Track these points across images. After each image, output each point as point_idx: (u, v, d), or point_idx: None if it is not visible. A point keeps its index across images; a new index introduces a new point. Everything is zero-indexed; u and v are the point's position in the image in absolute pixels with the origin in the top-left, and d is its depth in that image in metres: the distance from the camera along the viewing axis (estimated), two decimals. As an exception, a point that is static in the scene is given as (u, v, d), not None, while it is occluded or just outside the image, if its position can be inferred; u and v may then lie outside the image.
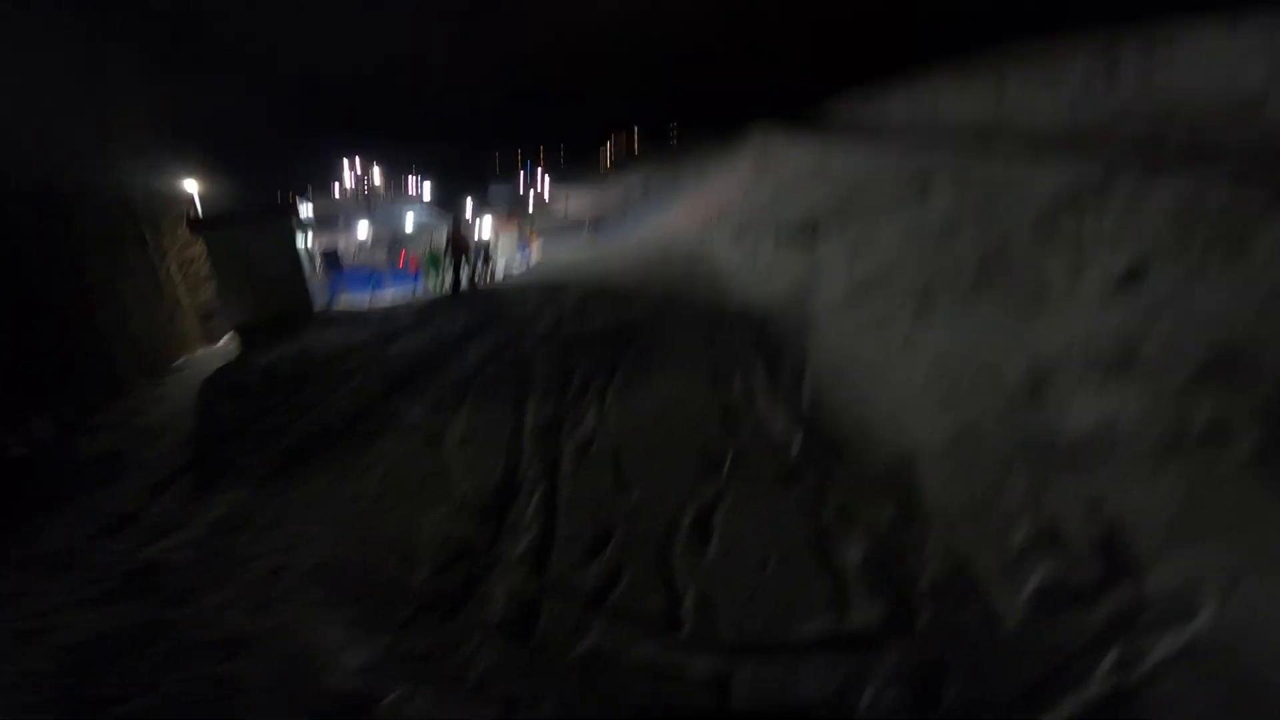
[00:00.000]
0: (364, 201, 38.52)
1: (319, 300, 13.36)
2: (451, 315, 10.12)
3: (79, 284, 11.16)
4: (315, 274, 13.98)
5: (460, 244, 13.29)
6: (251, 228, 12.34)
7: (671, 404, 5.53)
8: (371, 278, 23.43)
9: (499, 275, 20.56)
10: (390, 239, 29.15)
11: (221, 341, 12.37)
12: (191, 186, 14.96)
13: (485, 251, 21.00)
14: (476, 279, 18.96)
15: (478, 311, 10.05)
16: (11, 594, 4.02)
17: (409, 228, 31.62)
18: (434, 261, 17.49)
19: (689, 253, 15.14)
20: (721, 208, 17.73)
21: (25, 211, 11.31)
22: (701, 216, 19.40)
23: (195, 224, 12.63)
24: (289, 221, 12.56)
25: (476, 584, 3.60)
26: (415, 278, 21.18)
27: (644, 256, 16.49)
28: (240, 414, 6.52)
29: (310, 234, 14.16)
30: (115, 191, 14.36)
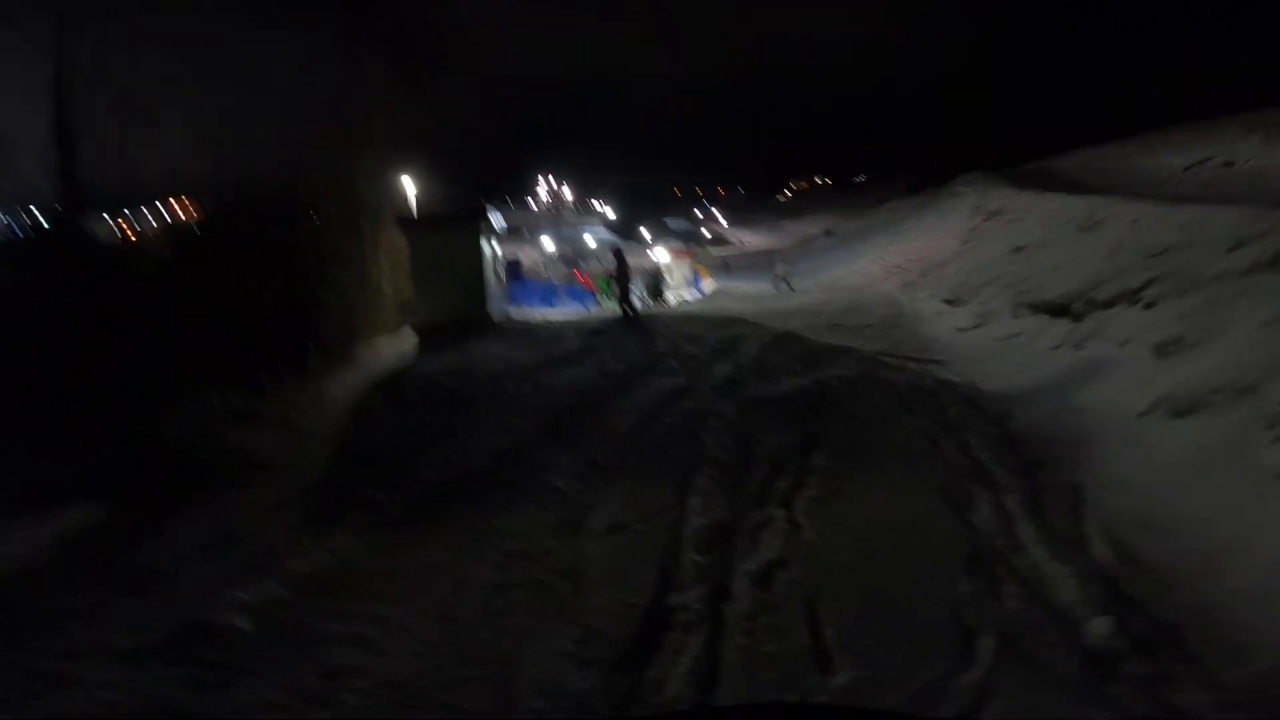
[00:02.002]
0: (553, 217, 40.04)
1: (498, 309, 13.21)
2: (619, 346, 9.13)
3: (304, 269, 11.88)
4: (498, 283, 13.89)
5: (623, 275, 12.45)
6: (446, 231, 12.39)
7: (892, 529, 3.85)
8: (549, 292, 23.80)
9: (672, 302, 19.83)
10: (571, 256, 29.80)
11: (408, 338, 12.59)
12: (409, 186, 15.81)
13: (658, 278, 20.50)
14: (642, 305, 18.42)
15: (647, 346, 8.96)
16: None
17: (590, 247, 32.21)
18: (607, 284, 17.03)
19: (886, 308, 13.04)
20: (924, 263, 15.34)
21: (274, 202, 12.35)
22: (899, 269, 17.07)
23: (405, 222, 13.06)
24: (477, 227, 12.48)
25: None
26: (590, 296, 21.06)
27: (830, 304, 14.61)
28: (391, 431, 5.88)
29: (497, 242, 14.14)
30: (347, 187, 15.57)
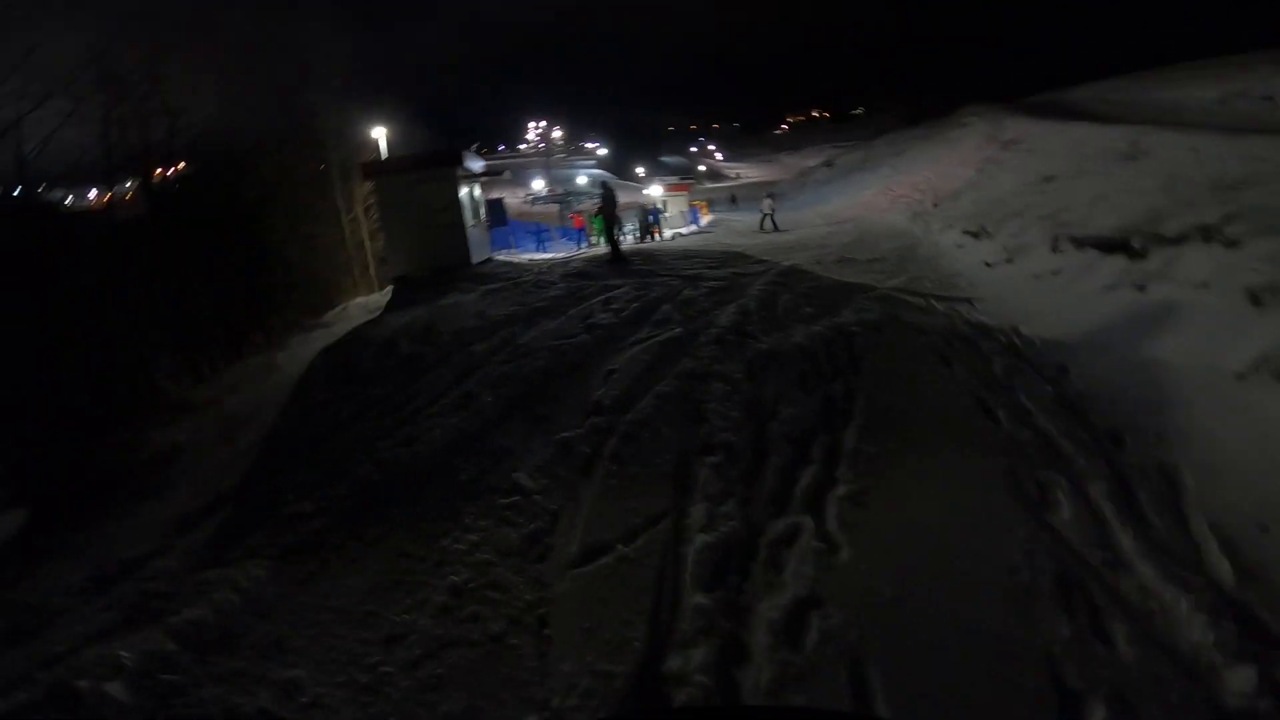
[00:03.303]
0: (543, 158, 38.21)
1: (480, 254, 12.12)
2: (607, 290, 8.00)
3: (264, 229, 10.78)
4: (480, 227, 12.77)
5: (610, 211, 11.24)
6: (416, 175, 11.33)
7: (954, 542, 2.88)
8: (539, 233, 22.45)
9: (667, 237, 18.56)
10: (562, 196, 28.21)
11: (381, 291, 11.49)
12: (380, 134, 14.50)
13: (652, 214, 19.23)
14: (635, 240, 17.25)
15: (639, 289, 7.81)
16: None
17: (581, 185, 30.49)
18: (599, 223, 15.81)
19: (897, 240, 11.79)
20: (935, 193, 13.93)
21: (229, 162, 11.06)
22: (906, 199, 15.63)
23: (368, 169, 11.97)
24: (453, 171, 11.31)
25: None
26: (581, 235, 19.89)
27: (836, 236, 13.32)
28: (330, 414, 4.85)
29: (477, 186, 12.92)
30: (313, 141, 14.12)
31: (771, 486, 3.26)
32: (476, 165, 12.70)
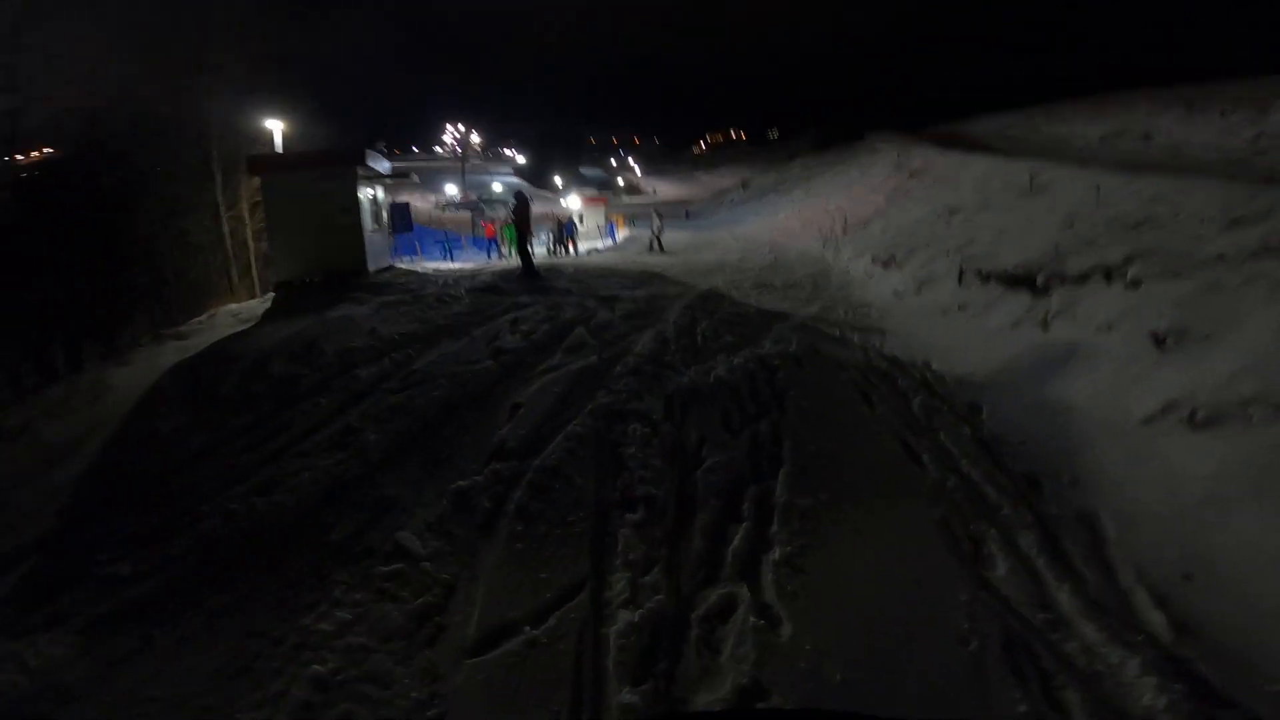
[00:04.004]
0: (458, 164, 36.93)
1: (379, 262, 11.14)
2: (517, 308, 7.45)
3: (127, 226, 9.42)
4: (380, 230, 11.78)
5: (523, 221, 10.74)
6: (312, 172, 10.25)
7: (899, 608, 2.63)
8: (446, 241, 21.35)
9: (582, 250, 18.13)
10: (475, 204, 27.14)
11: (262, 298, 10.27)
12: (276, 127, 13.20)
13: (566, 227, 18.74)
14: (548, 253, 16.71)
15: (552, 309, 7.32)
16: None
17: (496, 193, 29.53)
18: (512, 233, 15.17)
19: (811, 266, 12.02)
20: (845, 219, 14.45)
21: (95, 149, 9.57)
22: (817, 225, 16.13)
23: (255, 163, 10.79)
24: (353, 170, 10.33)
25: None
26: (492, 244, 19.09)
27: (751, 260, 13.43)
28: (174, 446, 4.02)
29: (381, 189, 11.97)
30: (195, 130, 12.59)
31: (700, 549, 2.89)
32: (382, 166, 11.74)
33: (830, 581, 2.73)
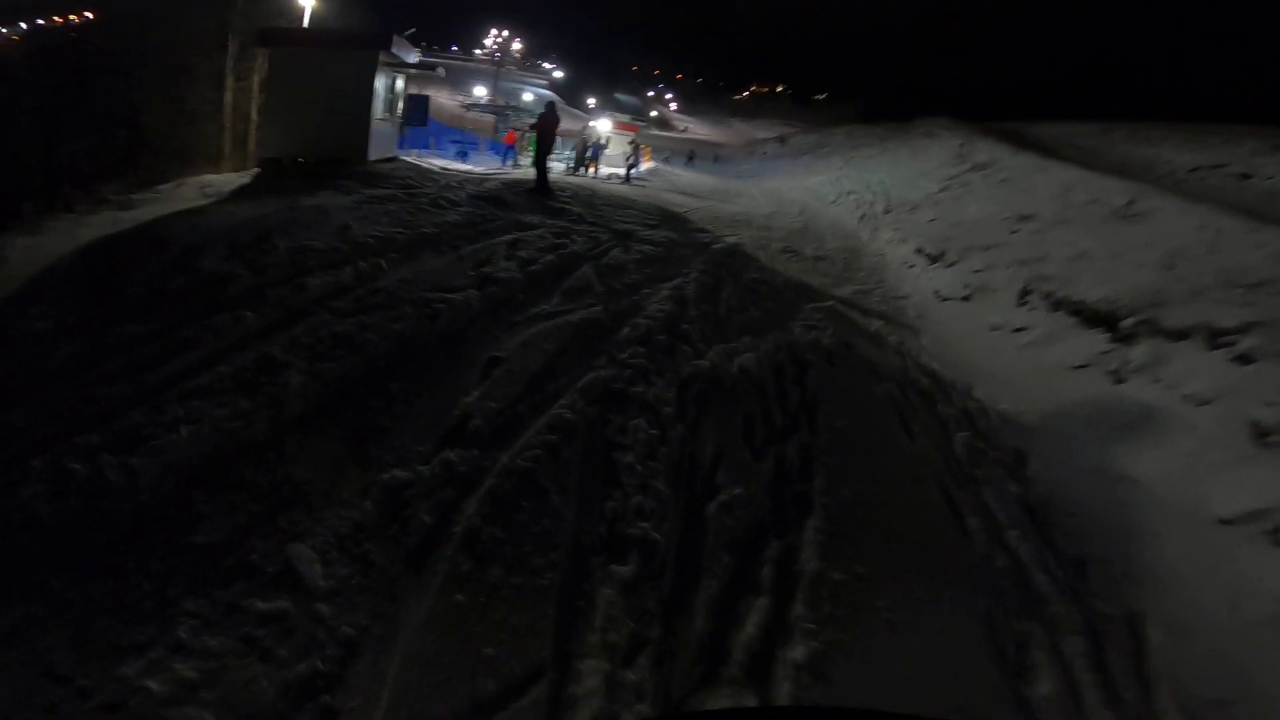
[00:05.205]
0: (493, 68, 34.86)
1: (381, 149, 10.03)
2: (518, 229, 6.39)
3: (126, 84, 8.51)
4: (390, 120, 10.69)
5: (547, 133, 9.65)
6: (327, 52, 9.53)
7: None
8: (467, 142, 19.78)
9: (603, 174, 16.81)
10: (502, 108, 25.24)
11: (246, 173, 9.14)
12: (308, 2, 12.08)
13: (592, 146, 17.34)
14: (567, 171, 15.47)
15: (559, 238, 6.28)
16: None
17: (525, 101, 27.63)
18: (533, 142, 13.99)
19: (843, 239, 10.91)
20: (888, 199, 13.16)
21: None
22: (855, 197, 14.78)
23: (267, 35, 9.65)
24: (374, 55, 9.44)
25: None
26: (510, 151, 17.66)
27: (779, 219, 12.22)
28: (31, 358, 3.07)
29: (404, 78, 11.17)
30: None
31: (703, 632, 2.05)
32: (409, 56, 10.65)
33: (855, 696, 1.92)
